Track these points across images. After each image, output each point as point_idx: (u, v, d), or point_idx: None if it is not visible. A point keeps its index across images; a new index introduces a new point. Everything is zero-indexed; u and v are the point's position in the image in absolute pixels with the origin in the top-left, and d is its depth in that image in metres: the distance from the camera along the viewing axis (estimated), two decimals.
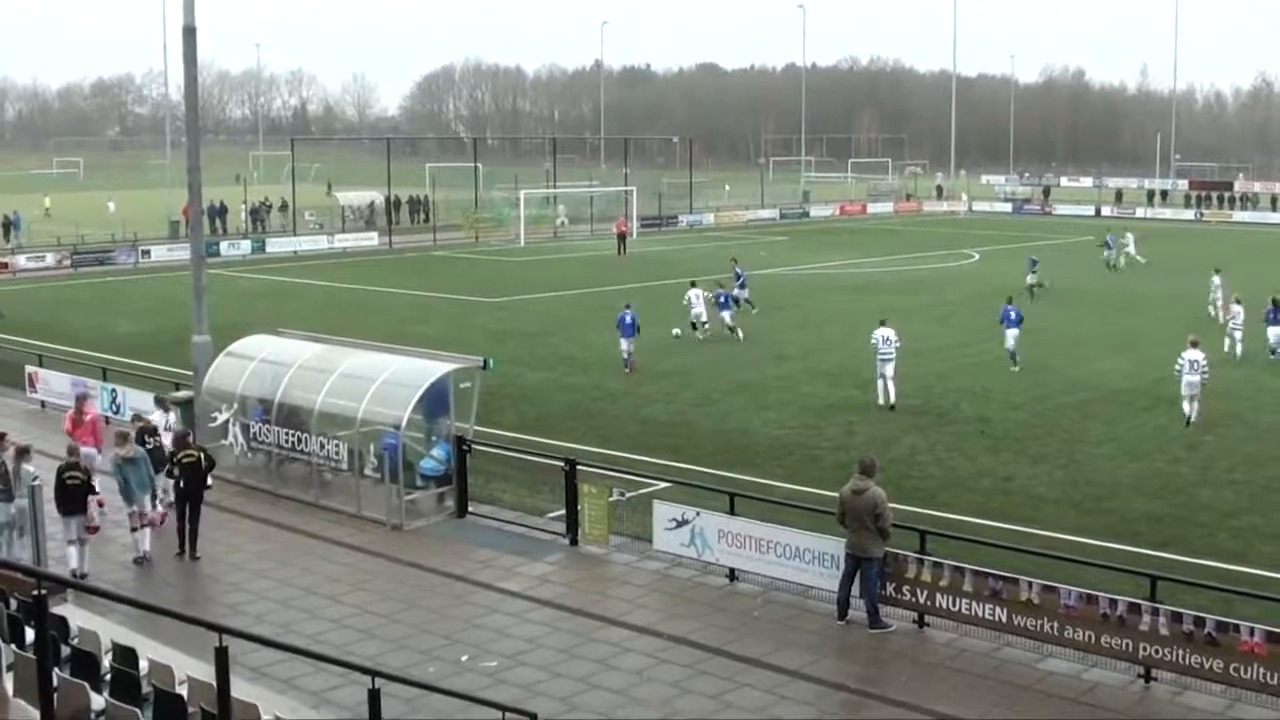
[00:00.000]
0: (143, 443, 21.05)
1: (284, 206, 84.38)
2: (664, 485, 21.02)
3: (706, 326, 39.22)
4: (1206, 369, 27.72)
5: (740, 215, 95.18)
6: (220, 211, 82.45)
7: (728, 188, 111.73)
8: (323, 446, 22.34)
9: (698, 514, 18.54)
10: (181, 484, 19.88)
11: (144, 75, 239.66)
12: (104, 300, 50.54)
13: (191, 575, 18.89)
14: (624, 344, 34.45)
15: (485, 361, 22.37)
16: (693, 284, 40.76)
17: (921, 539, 16.60)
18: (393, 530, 20.82)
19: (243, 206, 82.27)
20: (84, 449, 21.14)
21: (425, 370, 22.03)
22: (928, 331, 40.42)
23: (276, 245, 70.96)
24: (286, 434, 22.93)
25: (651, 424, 28.08)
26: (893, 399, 29.53)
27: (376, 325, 41.02)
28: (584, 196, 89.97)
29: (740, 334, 38.68)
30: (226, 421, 23.94)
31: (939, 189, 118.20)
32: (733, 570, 18.21)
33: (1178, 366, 28.03)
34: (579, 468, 20.01)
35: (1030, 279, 48.32)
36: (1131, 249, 59.44)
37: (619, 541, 19.61)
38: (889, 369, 29.92)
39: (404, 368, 22.47)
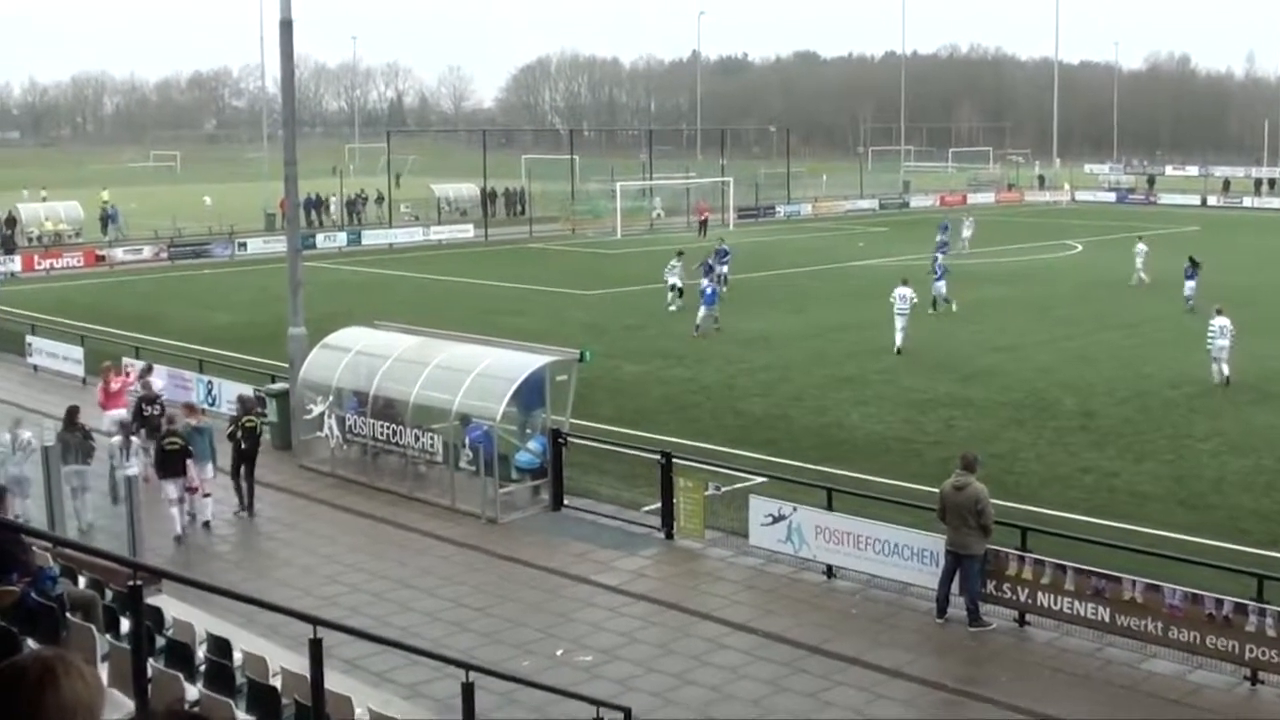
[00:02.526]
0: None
1: (380, 199, 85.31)
2: (760, 480, 20.94)
3: (680, 299, 41.74)
4: (1233, 332, 30.36)
5: (838, 206, 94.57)
6: (316, 204, 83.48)
7: (825, 178, 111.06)
8: (418, 439, 22.54)
9: (794, 509, 18.45)
10: (244, 445, 21.57)
11: (241, 69, 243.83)
12: (200, 293, 51.40)
13: (287, 565, 19.16)
14: (703, 311, 38.09)
15: (582, 354, 22.44)
16: (679, 253, 43.47)
17: (1023, 536, 16.39)
18: (488, 523, 20.96)
19: (337, 199, 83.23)
20: (114, 413, 23.23)
21: (521, 363, 22.14)
22: (1029, 324, 39.92)
23: (372, 238, 71.73)
24: (381, 426, 23.16)
25: (748, 418, 28.00)
26: (897, 346, 34.50)
27: (472, 318, 41.31)
28: (680, 188, 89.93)
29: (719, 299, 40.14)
30: (322, 414, 24.23)
31: (1041, 178, 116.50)
32: (830, 567, 18.11)
33: (1210, 333, 30.54)
34: (675, 461, 20.02)
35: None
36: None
37: (714, 536, 19.58)
38: (901, 322, 34.99)
39: (500, 360, 22.59)
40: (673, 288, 42.24)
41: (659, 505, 20.10)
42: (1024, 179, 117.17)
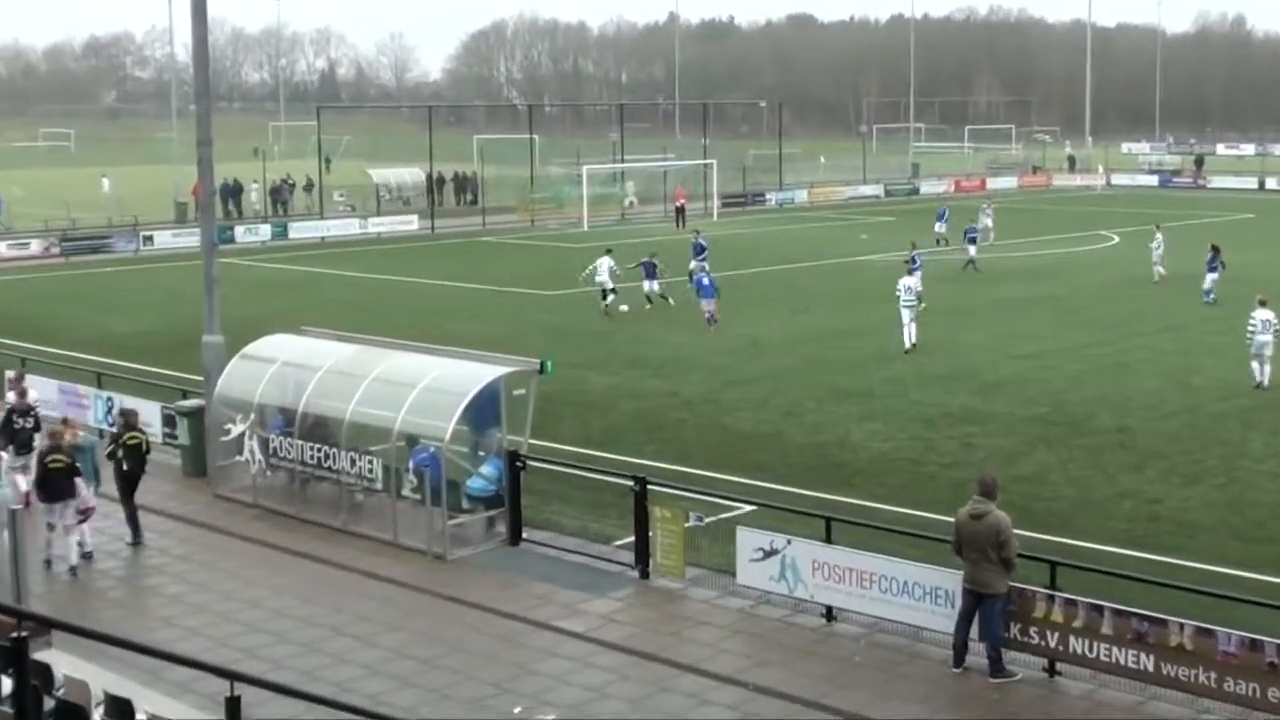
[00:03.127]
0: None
1: (309, 185, 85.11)
2: (749, 509, 20.91)
3: (614, 301, 42.85)
4: (1278, 326, 31.33)
5: (838, 192, 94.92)
6: (235, 191, 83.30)
7: (823, 160, 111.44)
8: (354, 463, 22.46)
9: (789, 542, 18.45)
10: (125, 466, 21.58)
11: (145, 33, 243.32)
12: (99, 294, 51.20)
13: (200, 611, 19.05)
14: (705, 305, 40.24)
15: (542, 364, 22.39)
16: (608, 251, 44.39)
17: (1052, 571, 16.42)
18: (434, 560, 20.90)
19: (259, 185, 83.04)
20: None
21: (473, 375, 22.09)
22: (1057, 327, 40.10)
23: (300, 230, 71.64)
24: (312, 449, 23.08)
25: (735, 436, 28.00)
26: (907, 346, 35.96)
27: (416, 323, 41.20)
28: (656, 172, 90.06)
29: (671, 300, 42.91)
30: (242, 435, 24.12)
31: (1071, 160, 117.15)
32: (830, 608, 18.11)
33: (1250, 327, 31.57)
34: (650, 488, 19.99)
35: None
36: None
37: (696, 574, 19.56)
38: (907, 316, 36.41)
39: (448, 372, 22.54)
40: (604, 292, 43.05)
41: (632, 539, 20.06)
42: (1052, 161, 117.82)
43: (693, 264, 46.88)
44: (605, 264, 43.53)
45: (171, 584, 20.22)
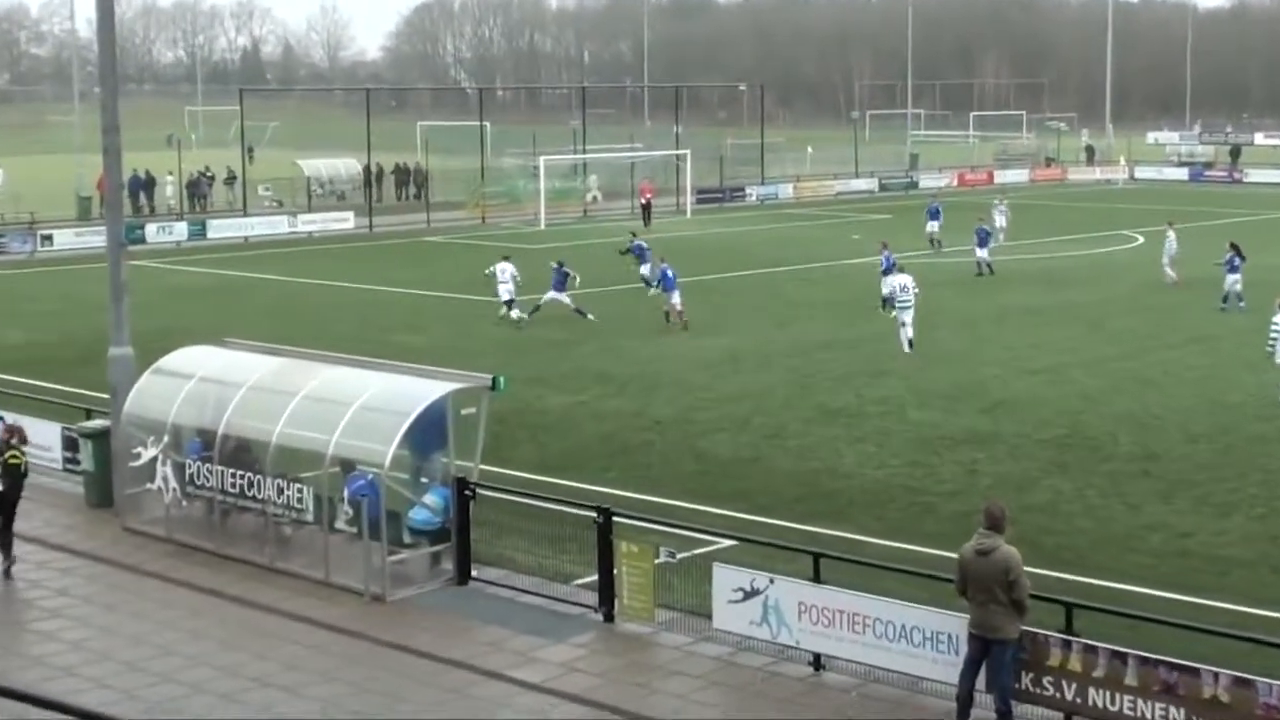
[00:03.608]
0: None
1: (230, 178, 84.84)
2: (727, 543, 20.93)
3: (514, 312, 43.51)
4: None
5: (827, 186, 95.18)
6: (146, 184, 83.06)
7: (810, 150, 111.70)
8: (281, 492, 22.39)
9: (772, 581, 18.46)
10: (2, 487, 21.75)
11: (42, 6, 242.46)
12: None
13: (104, 660, 18.96)
14: (669, 299, 42.04)
15: (494, 380, 22.37)
16: (505, 258, 44.90)
17: (1068, 614, 16.45)
18: (372, 602, 20.85)
19: (174, 178, 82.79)
20: None
21: (416, 392, 22.05)
22: (1074, 338, 40.27)
23: (221, 229, 71.38)
24: (233, 476, 23.00)
25: (711, 462, 28.02)
26: (906, 349, 37.30)
27: (353, 333, 41.13)
28: (623, 163, 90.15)
29: (591, 315, 43.10)
30: (154, 460, 24.04)
31: (1089, 150, 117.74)
32: (818, 656, 18.12)
33: (1272, 334, 32.51)
34: (615, 520, 19.98)
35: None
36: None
37: (668, 618, 19.55)
38: (907, 317, 37.76)
39: (388, 389, 22.51)
40: (508, 301, 43.71)
41: (595, 578, 20.04)
42: (1068, 151, 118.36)
43: (644, 269, 48.28)
44: (507, 270, 44.06)
45: (72, 628, 20.09)
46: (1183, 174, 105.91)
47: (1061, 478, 26.55)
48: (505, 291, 43.74)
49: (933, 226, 61.34)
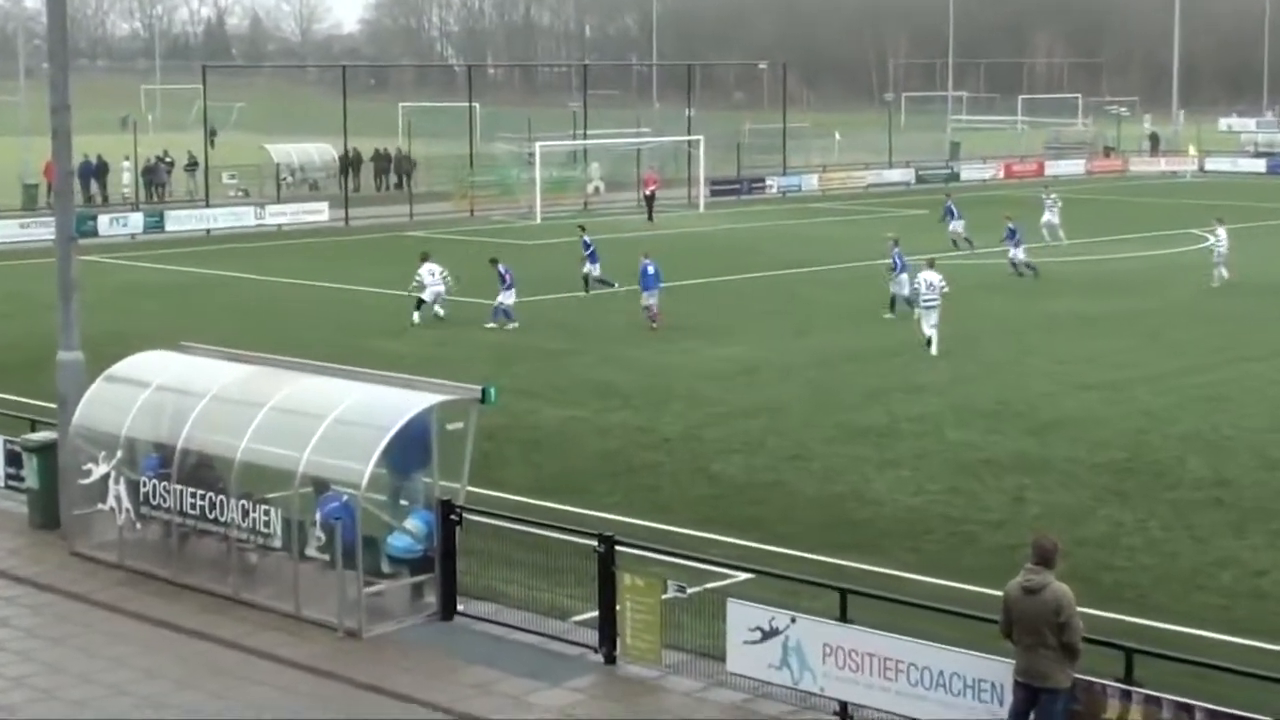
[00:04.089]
0: None
1: (192, 164, 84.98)
2: (743, 577, 20.93)
3: (441, 312, 45.46)
4: None
5: (857, 177, 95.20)
6: (99, 171, 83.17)
7: (839, 137, 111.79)
8: (246, 515, 22.40)
9: (793, 620, 18.46)
10: None
11: None
12: None
13: (48, 698, 18.97)
14: (645, 298, 43.62)
15: (484, 392, 22.40)
16: (424, 257, 46.71)
17: (1128, 660, 16.43)
18: (347, 638, 20.85)
19: (129, 164, 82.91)
20: None
21: (397, 404, 22.07)
22: (1136, 350, 40.23)
23: (180, 220, 71.54)
24: (193, 496, 23.01)
25: (725, 484, 28.03)
26: (934, 350, 38.85)
27: (327, 338, 41.17)
28: (628, 151, 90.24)
29: (514, 324, 44.18)
30: (105, 477, 24.05)
31: (1153, 139, 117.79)
32: (844, 704, 18.10)
33: None
34: (618, 549, 19.99)
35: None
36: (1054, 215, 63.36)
37: (676, 659, 19.55)
38: (933, 317, 39.31)
39: (366, 400, 22.51)
40: (437, 296, 45.70)
41: (595, 614, 20.04)
42: (1129, 140, 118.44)
43: (586, 268, 49.45)
44: (431, 271, 45.64)
45: (14, 663, 20.10)
46: (1259, 165, 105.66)
47: (1120, 507, 26.51)
48: (432, 294, 45.49)
49: (956, 226, 61.51)
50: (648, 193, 76.80)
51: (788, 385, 36.21)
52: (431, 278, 45.34)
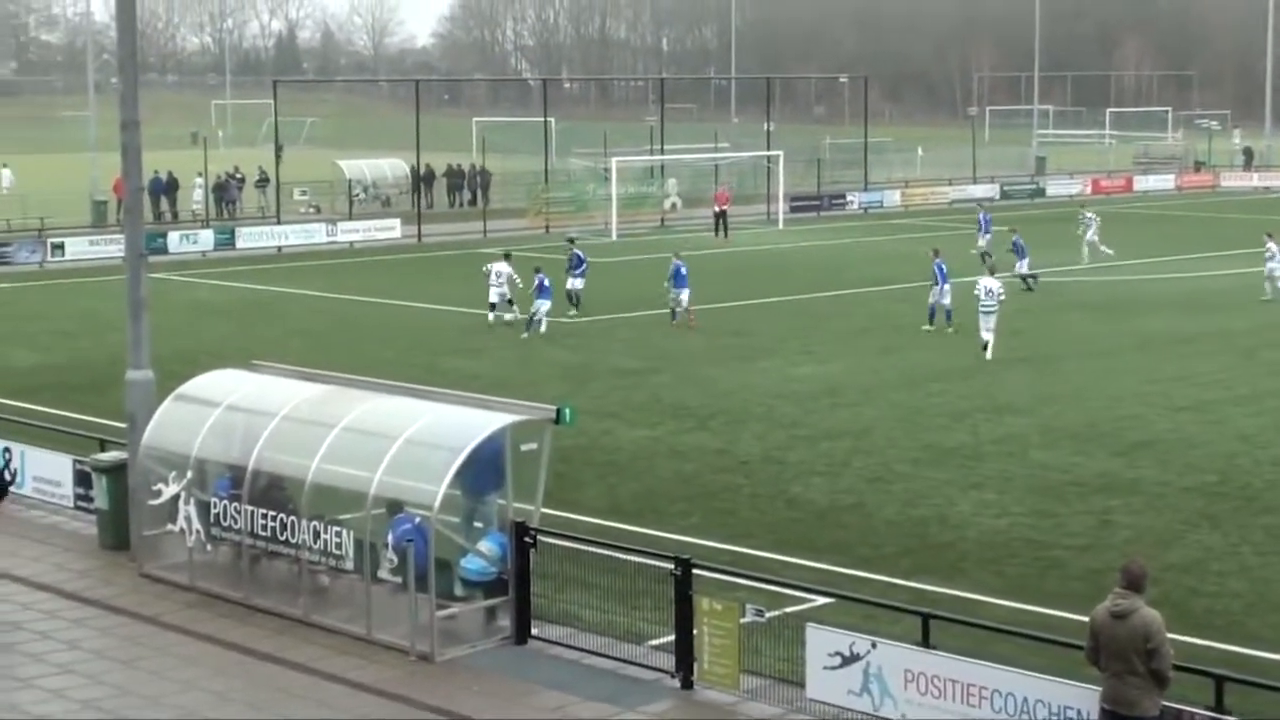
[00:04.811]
0: None
1: (262, 181, 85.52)
2: (823, 602, 20.92)
3: (506, 316, 47.98)
4: None
5: (940, 193, 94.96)
6: (169, 187, 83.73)
7: (921, 152, 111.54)
8: (317, 536, 22.52)
9: (874, 645, 18.44)
10: None
11: None
12: None
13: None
14: (676, 295, 47.03)
15: (559, 412, 22.46)
16: (506, 256, 49.72)
17: (1218, 688, 16.35)
18: (419, 661, 20.92)
19: (200, 180, 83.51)
20: None
21: (470, 425, 22.14)
22: (1229, 371, 39.95)
23: (251, 237, 71.97)
24: (264, 517, 23.13)
25: (805, 508, 28.01)
26: (989, 354, 40.99)
27: (400, 357, 41.37)
28: (706, 166, 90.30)
29: (541, 327, 46.26)
30: (176, 497, 24.20)
31: (1246, 153, 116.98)
32: None
33: None
34: (696, 573, 20.01)
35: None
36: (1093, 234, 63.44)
37: (754, 685, 19.55)
38: (990, 322, 41.72)
39: (439, 421, 22.59)
40: (495, 304, 48.35)
41: (672, 638, 20.06)
42: (1220, 154, 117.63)
43: (571, 282, 50.80)
44: (503, 273, 48.29)
45: (84, 686, 20.26)
46: None
47: (1211, 531, 26.35)
48: (496, 294, 47.65)
49: (982, 241, 61.76)
50: (718, 210, 76.72)
51: (870, 406, 36.14)
52: (497, 279, 47.52)
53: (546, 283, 46.69)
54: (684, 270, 47.50)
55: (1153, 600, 16.70)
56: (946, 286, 45.67)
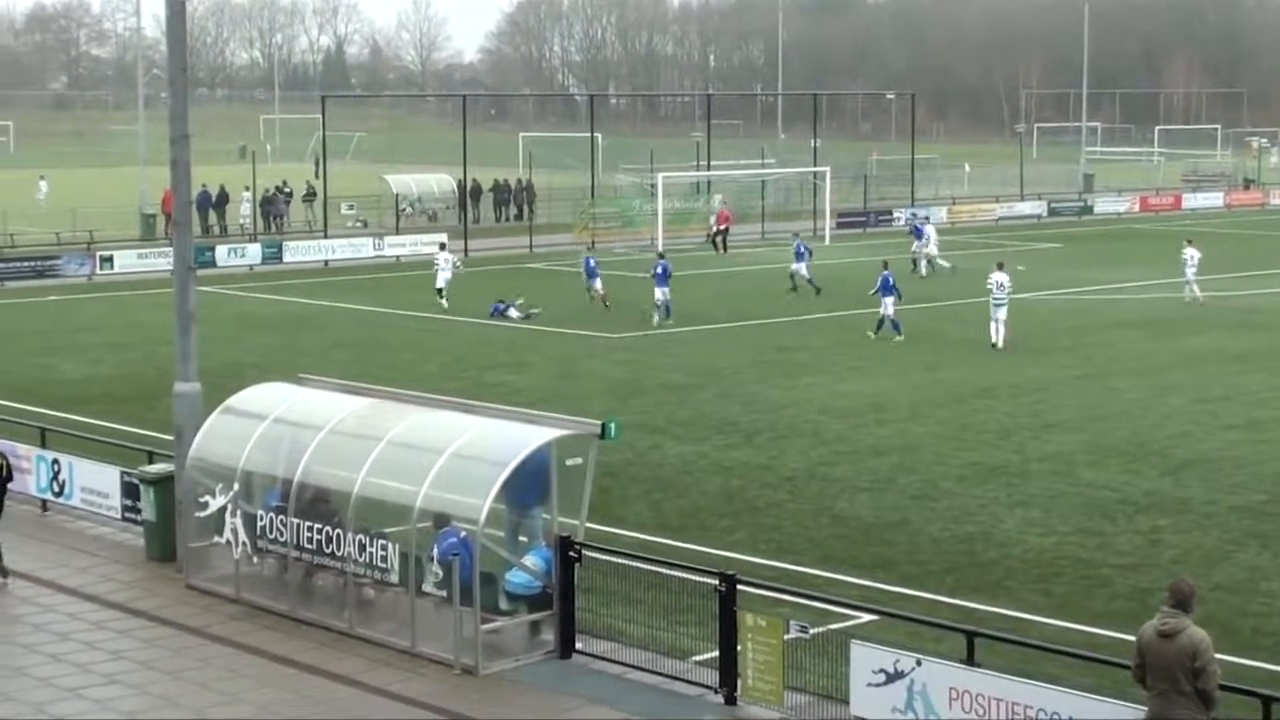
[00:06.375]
0: None
1: (310, 195, 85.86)
2: (868, 618, 20.89)
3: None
4: None
5: (987, 210, 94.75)
6: (217, 201, 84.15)
7: (968, 168, 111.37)
8: (363, 549, 22.57)
9: (918, 663, 18.40)
10: None
11: (105, 2, 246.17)
12: (43, 329, 51.76)
13: None
14: (658, 293, 50.61)
15: (604, 427, 22.48)
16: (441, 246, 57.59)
17: (1265, 708, 16.27)
18: (463, 675, 20.95)
19: (248, 194, 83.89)
20: None
21: (516, 439, 22.17)
22: (1274, 390, 39.74)
23: (298, 251, 72.22)
24: (310, 530, 23.20)
25: (850, 524, 27.96)
26: (1000, 343, 44.70)
27: (445, 371, 41.47)
28: (752, 182, 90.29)
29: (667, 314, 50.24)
30: (223, 510, 24.29)
31: None
32: None
33: None
34: (740, 588, 20.00)
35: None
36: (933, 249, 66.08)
37: (798, 701, 19.52)
38: (1001, 313, 45.06)
39: (485, 435, 22.63)
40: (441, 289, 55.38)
41: (716, 654, 20.05)
42: (1270, 172, 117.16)
43: (659, 292, 51.74)
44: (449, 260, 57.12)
45: (129, 697, 20.36)
46: None
47: (1260, 551, 26.21)
48: (442, 279, 54.38)
49: (917, 247, 63.25)
50: (721, 228, 76.71)
51: (916, 423, 36.07)
52: (445, 264, 55.07)
53: (661, 270, 51.47)
54: (593, 262, 55.93)
55: (1200, 620, 16.64)
56: (890, 299, 47.79)
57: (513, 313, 52.83)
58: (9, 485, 25.30)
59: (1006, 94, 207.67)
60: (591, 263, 55.68)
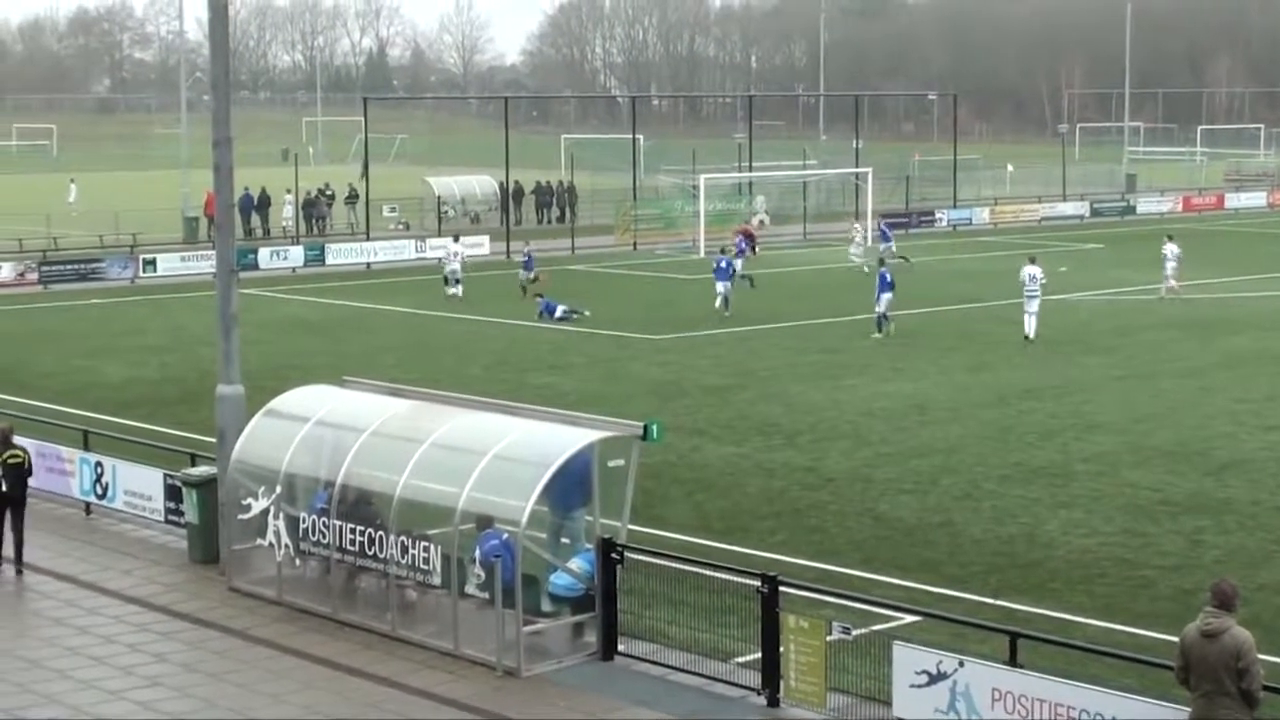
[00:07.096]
0: None
1: (352, 197, 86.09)
2: (910, 619, 20.85)
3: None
4: None
5: (1029, 210, 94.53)
6: (260, 204, 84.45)
7: (1010, 169, 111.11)
8: (405, 551, 22.61)
9: (961, 664, 18.37)
10: (4, 487, 24.28)
11: (147, 5, 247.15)
12: (86, 332, 51.99)
13: None
14: (720, 286, 52.31)
15: (647, 429, 22.48)
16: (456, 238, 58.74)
17: None
18: (506, 677, 20.98)
19: (290, 197, 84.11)
20: None
21: (558, 441, 22.18)
22: None
23: (341, 254, 72.46)
24: (352, 532, 23.25)
25: (893, 525, 27.92)
26: (1032, 334, 46.40)
27: (488, 374, 41.52)
28: (794, 183, 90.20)
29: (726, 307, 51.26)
30: (265, 512, 24.36)
31: None
32: None
33: None
34: (783, 590, 19.99)
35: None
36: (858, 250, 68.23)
37: (841, 702, 19.50)
38: (1033, 305, 46.86)
39: (527, 437, 22.65)
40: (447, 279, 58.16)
41: (758, 655, 20.05)
42: None
43: (719, 286, 53.13)
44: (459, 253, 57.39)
45: (171, 699, 20.43)
46: None
47: None
48: (448, 271, 56.19)
49: (884, 248, 65.20)
50: (741, 234, 76.48)
51: (958, 424, 36.01)
52: (452, 258, 56.04)
53: (724, 265, 53.52)
54: (725, 264, 53.67)
55: (1244, 620, 16.57)
56: (885, 296, 48.20)
57: (559, 312, 52.85)
58: (29, 481, 25.67)
59: (1049, 94, 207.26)
60: (723, 263, 54.26)
